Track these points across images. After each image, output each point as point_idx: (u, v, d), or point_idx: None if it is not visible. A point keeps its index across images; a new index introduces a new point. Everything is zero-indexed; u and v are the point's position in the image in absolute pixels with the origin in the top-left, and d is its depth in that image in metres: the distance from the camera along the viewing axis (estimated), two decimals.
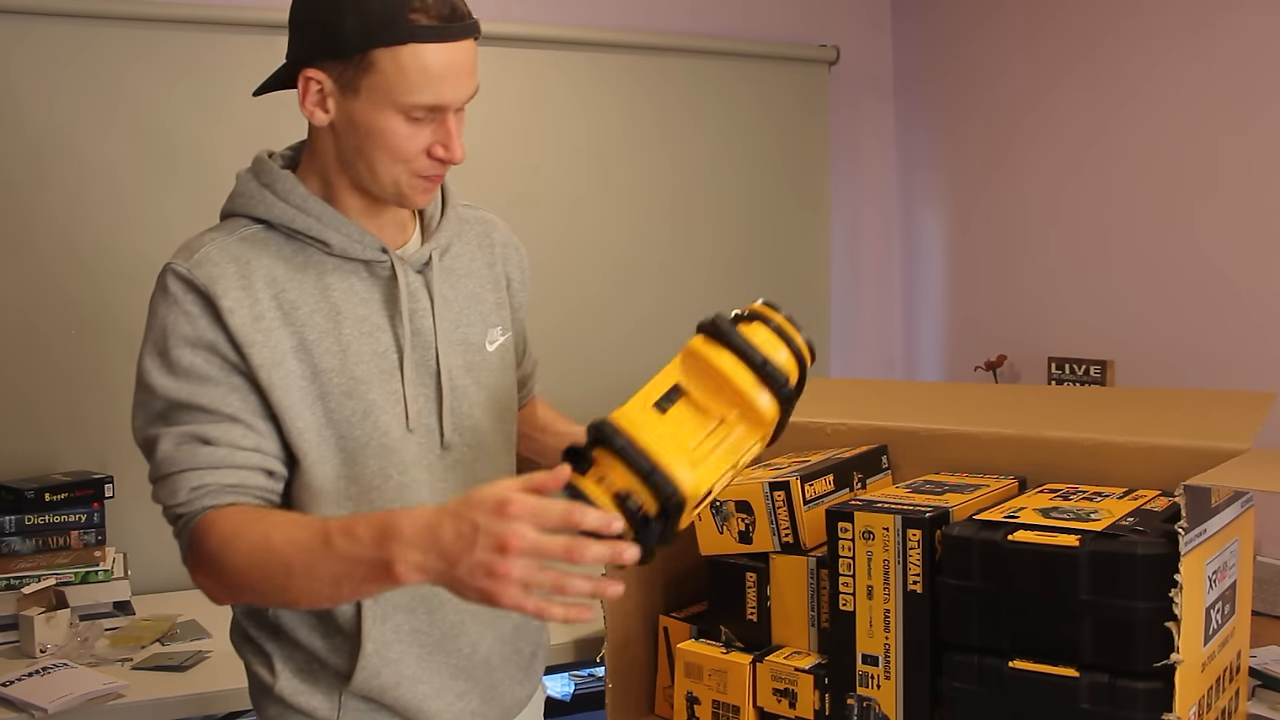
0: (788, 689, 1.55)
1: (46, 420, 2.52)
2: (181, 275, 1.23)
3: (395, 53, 1.17)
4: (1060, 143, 2.92)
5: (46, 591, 2.14)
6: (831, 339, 3.42)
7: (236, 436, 1.22)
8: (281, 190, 1.28)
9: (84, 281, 2.54)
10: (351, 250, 1.28)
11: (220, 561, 1.18)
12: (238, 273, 1.23)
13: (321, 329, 1.25)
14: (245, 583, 1.18)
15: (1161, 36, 2.65)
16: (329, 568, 1.10)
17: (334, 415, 1.26)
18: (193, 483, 1.20)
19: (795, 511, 1.57)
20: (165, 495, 1.23)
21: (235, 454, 1.22)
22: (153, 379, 1.22)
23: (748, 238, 3.24)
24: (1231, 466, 1.39)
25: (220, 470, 1.21)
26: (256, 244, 1.26)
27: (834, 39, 3.35)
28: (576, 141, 3.03)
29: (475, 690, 1.38)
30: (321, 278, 1.27)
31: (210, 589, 1.23)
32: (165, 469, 1.22)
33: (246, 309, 1.22)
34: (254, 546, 1.15)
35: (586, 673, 2.80)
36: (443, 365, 1.32)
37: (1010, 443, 1.67)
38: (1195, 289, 2.60)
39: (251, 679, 1.37)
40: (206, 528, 1.19)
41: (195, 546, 1.21)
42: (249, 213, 1.28)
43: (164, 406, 1.22)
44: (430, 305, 1.33)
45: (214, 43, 2.62)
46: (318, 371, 1.25)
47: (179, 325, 1.22)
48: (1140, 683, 1.27)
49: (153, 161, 2.58)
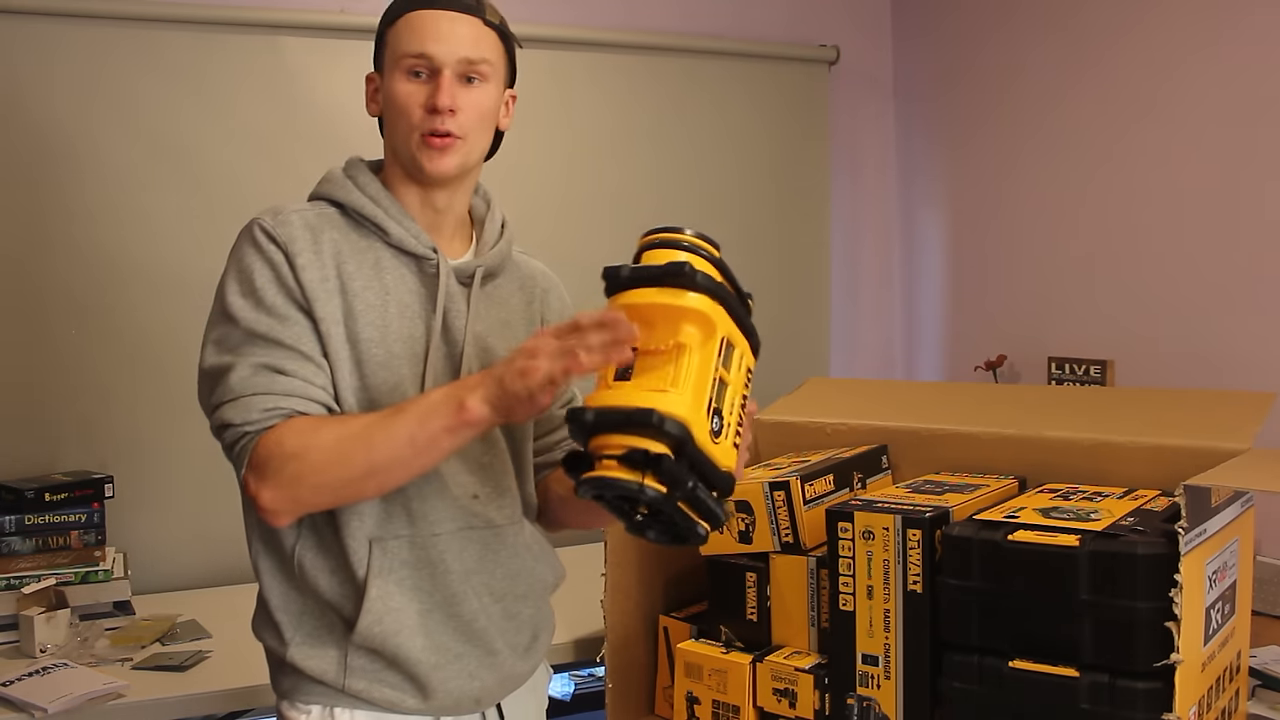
0: (788, 689, 1.55)
1: (46, 420, 2.52)
2: (266, 228, 1.36)
3: (397, 24, 1.40)
4: (1060, 142, 2.92)
5: (46, 591, 2.14)
6: (831, 339, 3.42)
7: (310, 373, 1.34)
8: (361, 182, 1.44)
9: (85, 281, 2.54)
10: (406, 243, 1.41)
11: (302, 458, 1.28)
12: (310, 238, 1.37)
13: (369, 303, 1.38)
14: (326, 471, 1.29)
15: (1164, 37, 2.65)
16: (405, 427, 1.26)
17: (368, 381, 1.37)
18: (268, 404, 1.30)
19: (795, 511, 1.57)
20: (234, 414, 1.30)
21: (308, 387, 1.33)
22: (238, 311, 1.33)
23: (747, 238, 3.24)
24: (1231, 466, 1.39)
25: (293, 398, 1.32)
26: (330, 220, 1.41)
27: (834, 39, 3.35)
28: (576, 141, 3.03)
29: (473, 654, 1.42)
30: (378, 261, 1.40)
31: (275, 502, 1.30)
32: (239, 391, 1.31)
33: (315, 269, 1.35)
34: (335, 435, 1.28)
35: (586, 673, 2.80)
36: (465, 363, 1.42)
37: (1010, 443, 1.67)
38: (1195, 289, 2.60)
39: (269, 657, 1.45)
40: (279, 434, 1.29)
41: (266, 453, 1.29)
42: (330, 196, 1.43)
43: (242, 339, 1.33)
44: (465, 309, 1.44)
45: (217, 43, 2.61)
46: (358, 340, 1.36)
47: (264, 269, 1.34)
48: (1140, 683, 1.27)
49: (155, 162, 2.58)
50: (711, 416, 1.15)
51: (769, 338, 1.40)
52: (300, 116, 2.69)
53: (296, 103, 2.69)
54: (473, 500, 1.41)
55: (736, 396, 1.22)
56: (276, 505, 1.30)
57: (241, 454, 1.31)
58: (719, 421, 1.17)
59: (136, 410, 2.57)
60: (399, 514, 1.37)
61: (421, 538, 1.38)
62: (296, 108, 2.69)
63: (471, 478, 1.41)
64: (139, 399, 2.57)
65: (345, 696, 1.38)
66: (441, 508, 1.39)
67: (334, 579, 1.38)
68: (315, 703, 1.39)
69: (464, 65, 1.38)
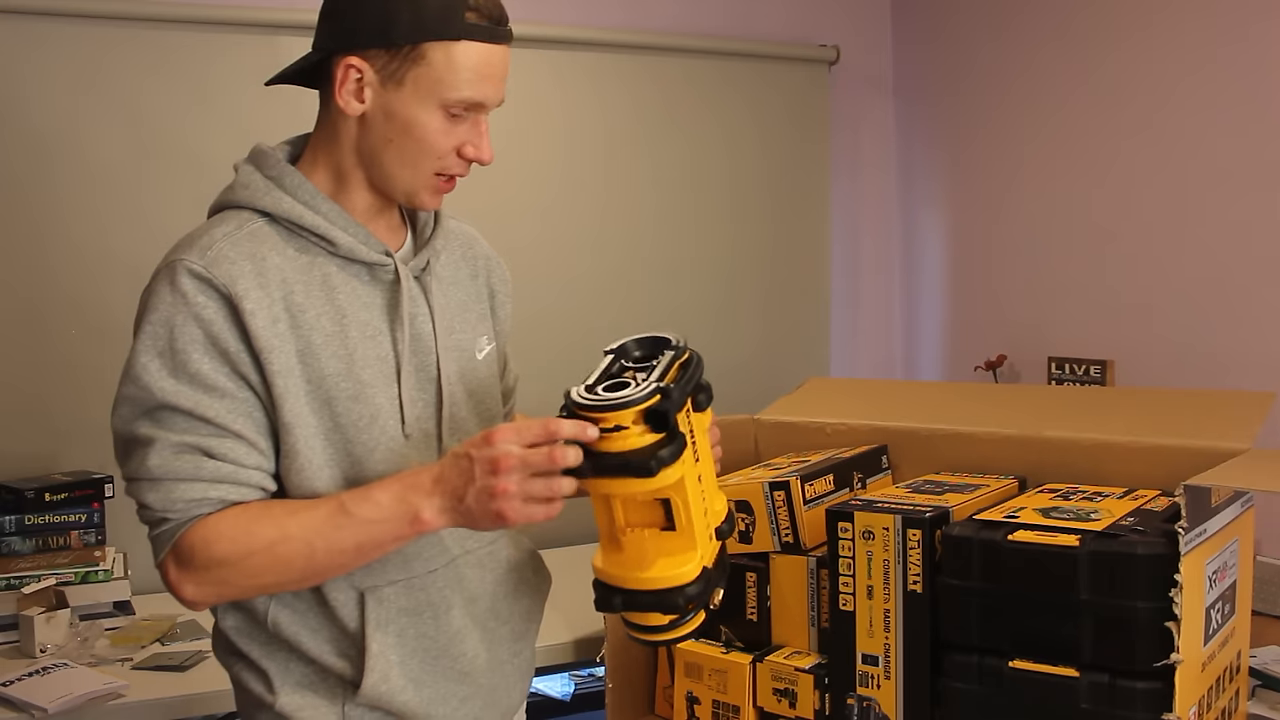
0: (788, 689, 1.55)
1: (46, 420, 2.52)
2: (197, 273, 1.18)
3: (449, 47, 1.19)
4: (1061, 142, 2.92)
5: (46, 591, 2.14)
6: (831, 339, 3.42)
7: (241, 454, 1.20)
8: (290, 185, 1.26)
9: (85, 281, 2.54)
10: (357, 252, 1.26)
11: (229, 562, 1.17)
12: (254, 271, 1.20)
13: (328, 332, 1.24)
14: (254, 580, 1.19)
15: (1163, 37, 2.65)
16: (352, 536, 1.16)
17: (341, 420, 1.24)
18: (193, 494, 1.18)
19: (795, 511, 1.57)
20: (153, 499, 1.19)
21: (239, 471, 1.20)
22: (151, 379, 1.18)
23: (747, 237, 3.24)
24: (1231, 466, 1.39)
25: (221, 485, 1.19)
26: (265, 239, 1.23)
27: (834, 39, 3.35)
28: (575, 142, 3.03)
29: (478, 695, 1.38)
30: (327, 279, 1.25)
31: (197, 597, 1.21)
32: (159, 474, 1.18)
33: (266, 311, 1.20)
34: (270, 541, 1.17)
35: (586, 673, 2.80)
36: (443, 371, 1.32)
37: (1010, 443, 1.67)
38: (1195, 289, 2.60)
39: (242, 693, 1.34)
40: (205, 533, 1.18)
41: (191, 555, 1.19)
42: (254, 205, 1.25)
43: (157, 405, 1.19)
44: (429, 311, 1.32)
45: (217, 43, 2.62)
46: (323, 376, 1.23)
47: (188, 326, 1.18)
48: (1140, 683, 1.27)
49: (155, 161, 2.58)
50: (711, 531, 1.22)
51: (769, 338, 1.41)
52: (300, 116, 2.68)
53: (296, 102, 2.68)
54: None
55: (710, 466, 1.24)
56: (198, 599, 1.21)
57: (161, 540, 1.20)
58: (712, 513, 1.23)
59: None
60: (390, 558, 1.25)
61: (419, 579, 1.30)
62: (296, 107, 2.68)
63: None
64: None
65: None
66: (434, 541, 1.30)
67: (318, 636, 1.27)
68: None
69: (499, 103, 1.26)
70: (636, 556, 1.17)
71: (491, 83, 1.22)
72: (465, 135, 1.24)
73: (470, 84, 1.21)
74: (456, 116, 1.23)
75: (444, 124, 1.22)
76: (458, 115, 1.23)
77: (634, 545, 1.17)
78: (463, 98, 1.21)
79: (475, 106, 1.23)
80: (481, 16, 1.22)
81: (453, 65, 1.20)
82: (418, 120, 1.22)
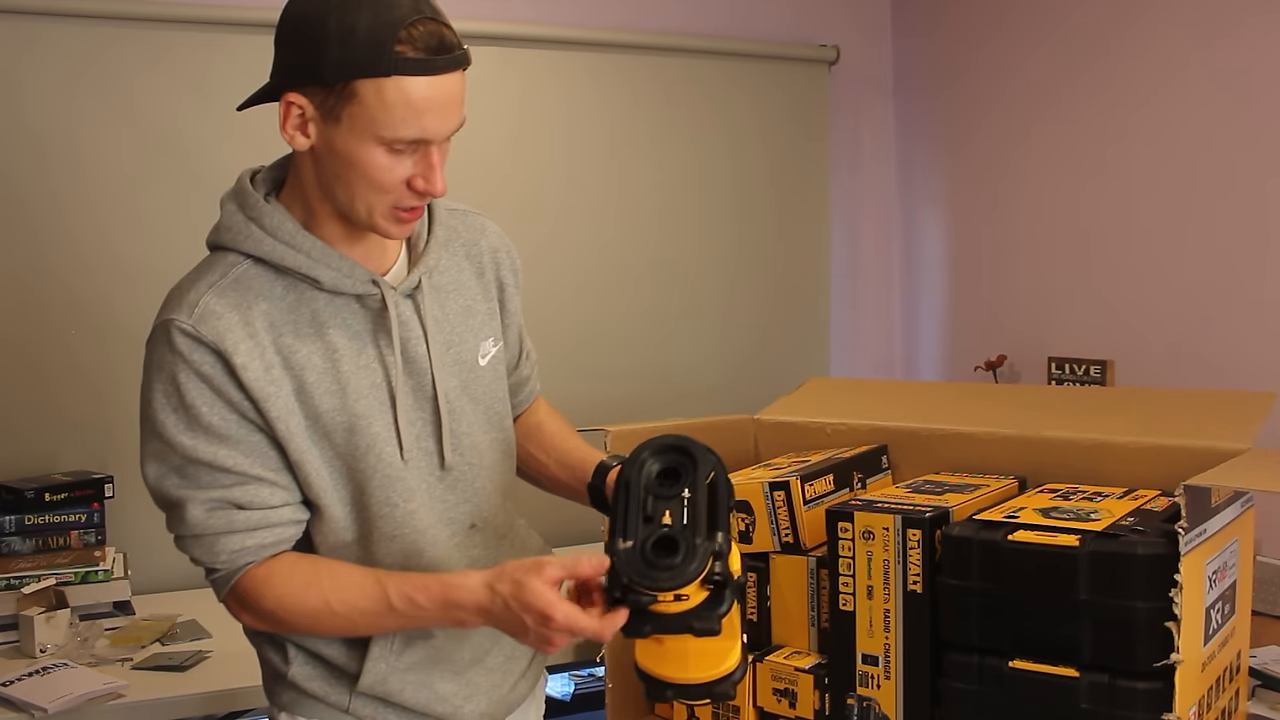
0: (788, 689, 1.55)
1: (46, 420, 2.52)
2: (188, 332, 1.21)
3: (379, 85, 1.13)
4: (1061, 142, 2.92)
5: (46, 591, 2.14)
6: (831, 339, 3.42)
7: (265, 496, 1.25)
8: (270, 225, 1.25)
9: (86, 281, 2.54)
10: (342, 285, 1.26)
11: (278, 617, 1.27)
12: (241, 322, 1.22)
13: (320, 369, 1.25)
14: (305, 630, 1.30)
15: (1162, 36, 2.65)
16: (395, 623, 1.25)
17: (340, 451, 1.28)
18: (232, 546, 1.25)
19: (795, 511, 1.57)
20: (200, 554, 1.27)
21: (269, 515, 1.26)
22: (171, 435, 1.23)
23: (748, 237, 3.24)
24: (1231, 466, 1.39)
25: (257, 532, 1.26)
26: (250, 285, 1.24)
27: (834, 39, 3.35)
28: (576, 141, 3.03)
29: (482, 693, 1.40)
30: (315, 315, 1.26)
31: (258, 626, 1.32)
32: (199, 530, 1.25)
33: (257, 361, 1.22)
34: (314, 610, 1.25)
35: (586, 673, 2.80)
36: (439, 389, 1.32)
37: (1010, 443, 1.67)
38: (1195, 289, 2.60)
39: (265, 667, 1.40)
40: (255, 586, 1.26)
41: (245, 600, 1.27)
42: (237, 248, 1.25)
43: (182, 462, 1.24)
44: (423, 331, 1.31)
45: (219, 43, 2.62)
46: (318, 413, 1.25)
47: (192, 382, 1.22)
48: (1140, 683, 1.27)
49: (156, 162, 2.58)
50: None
51: (769, 338, 1.41)
52: None
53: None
54: (470, 530, 1.38)
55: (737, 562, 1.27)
56: (258, 628, 1.32)
57: (219, 585, 1.29)
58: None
59: (136, 410, 2.56)
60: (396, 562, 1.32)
61: None
62: None
63: (467, 507, 1.37)
64: (139, 399, 2.56)
65: (349, 717, 1.35)
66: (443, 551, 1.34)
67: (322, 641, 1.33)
68: (317, 717, 1.36)
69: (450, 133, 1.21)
70: (680, 652, 1.20)
71: (432, 116, 1.15)
72: (414, 168, 1.20)
73: (405, 121, 1.15)
74: (400, 151, 1.18)
75: (387, 160, 1.18)
76: (401, 150, 1.18)
77: (678, 642, 1.20)
78: (398, 136, 1.16)
79: (418, 143, 1.18)
80: (416, 49, 1.14)
81: (384, 103, 1.14)
82: (358, 158, 1.17)
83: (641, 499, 1.18)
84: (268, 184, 1.31)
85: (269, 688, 1.41)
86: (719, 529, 1.15)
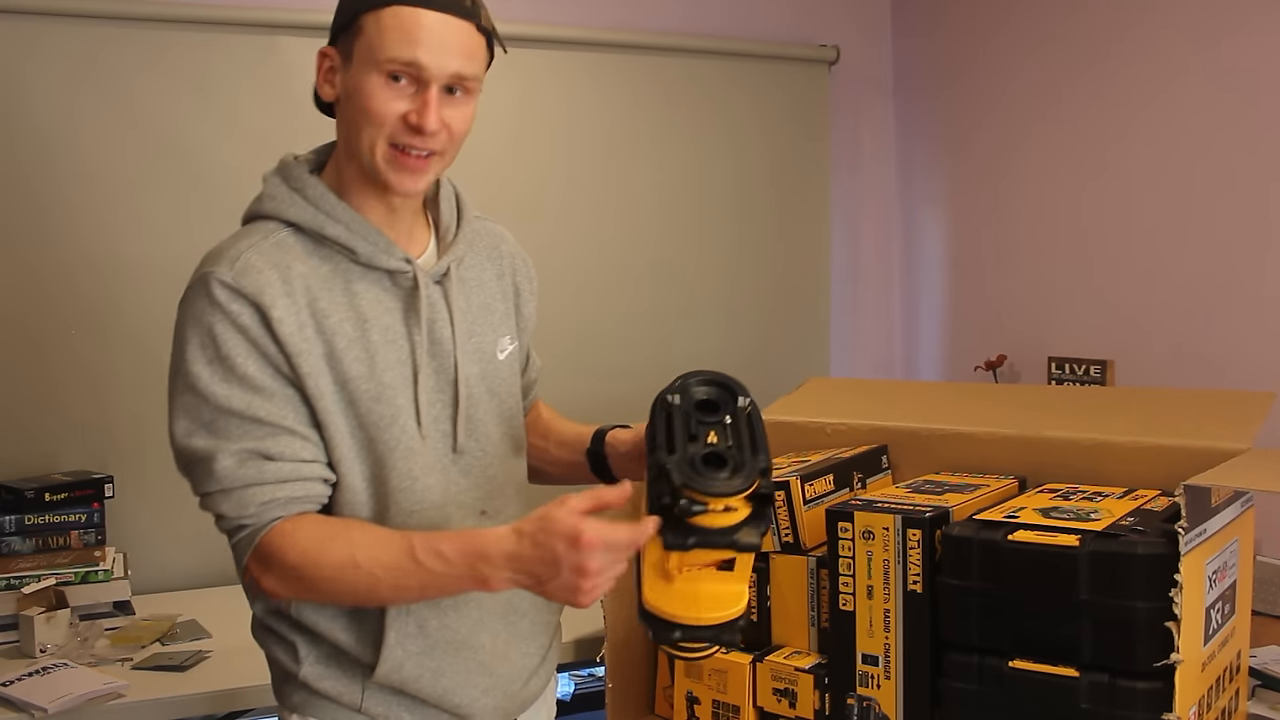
0: (788, 689, 1.55)
1: (46, 420, 2.52)
2: (227, 284, 1.24)
3: (378, 15, 1.25)
4: (1061, 142, 2.92)
5: (46, 591, 2.14)
6: (831, 339, 3.42)
7: (296, 449, 1.26)
8: (312, 196, 1.31)
9: (86, 281, 2.54)
10: (377, 259, 1.31)
11: (301, 573, 1.24)
12: (280, 279, 1.26)
13: (350, 337, 1.29)
14: (325, 592, 1.26)
15: (1162, 37, 2.65)
16: (417, 582, 1.22)
17: (364, 420, 1.29)
18: (261, 497, 1.25)
19: (795, 511, 1.57)
20: (229, 508, 1.26)
21: (300, 467, 1.26)
22: (206, 385, 1.24)
23: (748, 237, 3.24)
24: (1231, 466, 1.39)
25: (287, 484, 1.26)
26: (290, 249, 1.29)
27: (834, 39, 3.35)
28: (576, 141, 3.03)
29: (498, 686, 1.40)
30: (349, 285, 1.30)
31: (278, 591, 1.28)
32: (228, 484, 1.25)
33: (292, 317, 1.25)
34: (339, 563, 1.23)
35: (586, 673, 2.80)
36: (460, 373, 1.36)
37: (1010, 443, 1.67)
38: (1195, 289, 2.60)
39: (274, 668, 1.40)
40: (282, 540, 1.24)
41: (269, 557, 1.25)
42: (279, 216, 1.31)
43: (214, 415, 1.25)
44: (449, 315, 1.36)
45: (216, 43, 2.61)
46: (346, 379, 1.28)
47: (230, 334, 1.24)
48: (1140, 683, 1.27)
49: (154, 161, 2.58)
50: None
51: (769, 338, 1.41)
52: (299, 116, 2.67)
53: (296, 102, 2.66)
54: (481, 517, 1.38)
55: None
56: (278, 593, 1.29)
57: (242, 546, 1.27)
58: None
59: (136, 410, 2.56)
60: None
61: None
62: (296, 107, 2.67)
63: (477, 492, 1.39)
64: (139, 399, 2.56)
65: (362, 716, 1.35)
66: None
67: (336, 624, 1.33)
68: (329, 717, 1.36)
69: (453, 79, 1.26)
70: (690, 592, 1.19)
71: (424, 45, 1.24)
72: (410, 104, 1.26)
73: (396, 44, 1.24)
74: (397, 81, 1.25)
75: (385, 89, 1.25)
76: (398, 79, 1.25)
77: (688, 582, 1.20)
78: (390, 56, 1.24)
79: (410, 68, 1.24)
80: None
81: (380, 29, 1.24)
82: (361, 87, 1.26)
83: (685, 420, 1.21)
84: (309, 165, 1.37)
85: (279, 689, 1.40)
86: (761, 450, 1.18)
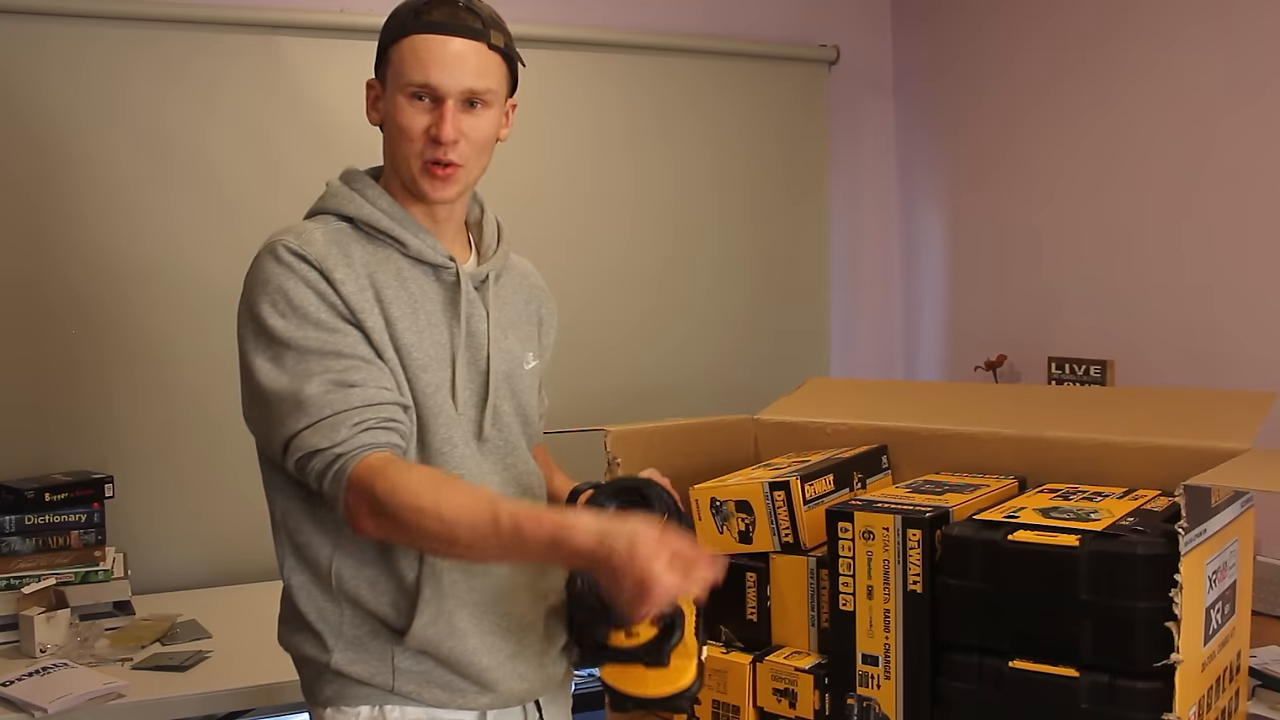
0: (788, 689, 1.55)
1: (46, 420, 2.52)
2: (293, 249, 1.36)
3: (400, 45, 1.40)
4: (1061, 142, 2.92)
5: (46, 591, 2.14)
6: (831, 339, 3.42)
7: (376, 376, 1.34)
8: (370, 195, 1.44)
9: (84, 281, 2.54)
10: (425, 254, 1.43)
11: (387, 507, 1.27)
12: (340, 254, 1.38)
13: (403, 310, 1.40)
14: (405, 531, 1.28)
15: (1163, 37, 2.65)
16: (494, 546, 1.24)
17: (415, 384, 1.38)
18: (353, 420, 1.30)
19: (795, 511, 1.57)
20: (321, 438, 1.30)
21: (380, 392, 1.33)
22: (284, 331, 1.32)
23: (748, 237, 3.24)
24: (1231, 466, 1.39)
25: (374, 407, 1.32)
26: (347, 235, 1.42)
27: (834, 39, 3.35)
28: (577, 141, 3.03)
29: (525, 654, 1.44)
30: (400, 271, 1.42)
31: (372, 526, 1.30)
32: (319, 413, 1.30)
33: (352, 282, 1.37)
34: (422, 507, 1.25)
35: (587, 673, 2.80)
36: (492, 366, 1.45)
37: (1010, 443, 1.67)
38: (1195, 289, 2.60)
39: (304, 669, 1.45)
40: (373, 471, 1.28)
41: (362, 488, 1.28)
42: (339, 210, 1.43)
43: (296, 358, 1.32)
44: (485, 314, 1.47)
45: (216, 43, 2.61)
46: (400, 344, 1.38)
47: (300, 287, 1.34)
48: (1140, 683, 1.27)
49: (153, 161, 2.58)
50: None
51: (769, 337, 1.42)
52: (299, 116, 2.69)
53: (295, 102, 2.69)
54: None
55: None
56: (371, 532, 1.31)
57: (338, 477, 1.30)
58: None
59: (136, 410, 2.57)
60: None
61: None
62: (295, 107, 2.69)
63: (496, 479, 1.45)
64: (139, 399, 2.57)
65: (395, 695, 1.40)
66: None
67: (375, 589, 1.39)
68: (364, 704, 1.40)
69: (467, 94, 1.39)
70: (638, 674, 1.28)
71: (435, 68, 1.37)
72: (433, 121, 1.39)
73: (414, 68, 1.38)
74: (419, 101, 1.38)
75: (410, 107, 1.39)
76: (420, 100, 1.38)
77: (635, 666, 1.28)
78: (409, 80, 1.38)
79: (426, 88, 1.38)
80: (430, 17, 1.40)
81: (402, 57, 1.39)
82: (394, 111, 1.40)
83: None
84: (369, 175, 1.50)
85: (310, 688, 1.45)
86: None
